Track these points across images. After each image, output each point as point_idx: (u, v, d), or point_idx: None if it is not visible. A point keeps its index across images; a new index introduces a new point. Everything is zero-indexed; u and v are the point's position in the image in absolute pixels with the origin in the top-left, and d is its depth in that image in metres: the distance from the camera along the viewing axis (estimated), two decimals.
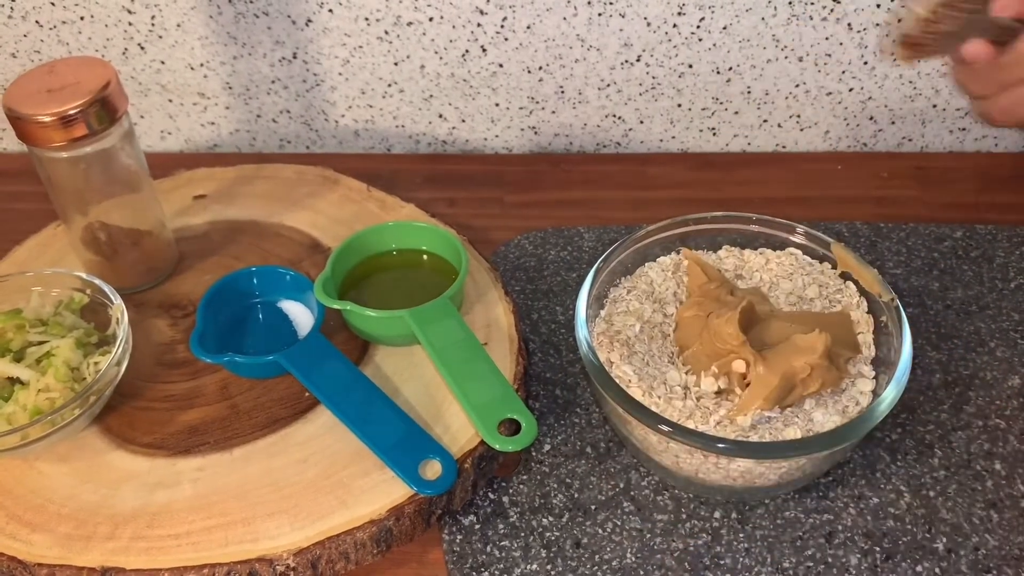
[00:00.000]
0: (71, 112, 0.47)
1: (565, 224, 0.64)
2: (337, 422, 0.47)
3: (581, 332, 0.44)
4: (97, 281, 0.50)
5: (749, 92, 0.68)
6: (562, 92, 0.69)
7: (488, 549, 0.45)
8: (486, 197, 0.68)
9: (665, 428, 0.40)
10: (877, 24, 0.64)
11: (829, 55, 0.66)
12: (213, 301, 0.52)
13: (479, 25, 0.65)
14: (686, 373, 0.44)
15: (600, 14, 0.64)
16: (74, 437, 0.47)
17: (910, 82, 0.67)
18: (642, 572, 0.43)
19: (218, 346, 0.50)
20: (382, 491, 0.44)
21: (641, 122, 0.70)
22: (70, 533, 0.43)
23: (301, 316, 0.53)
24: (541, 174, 0.71)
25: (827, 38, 0.65)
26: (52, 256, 0.58)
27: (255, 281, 0.54)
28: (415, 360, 0.50)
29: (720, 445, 0.40)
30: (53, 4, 0.65)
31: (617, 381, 0.43)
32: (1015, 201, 0.66)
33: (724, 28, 0.64)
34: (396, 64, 0.68)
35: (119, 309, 0.49)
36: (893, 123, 0.70)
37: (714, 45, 0.65)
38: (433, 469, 0.44)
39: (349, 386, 0.48)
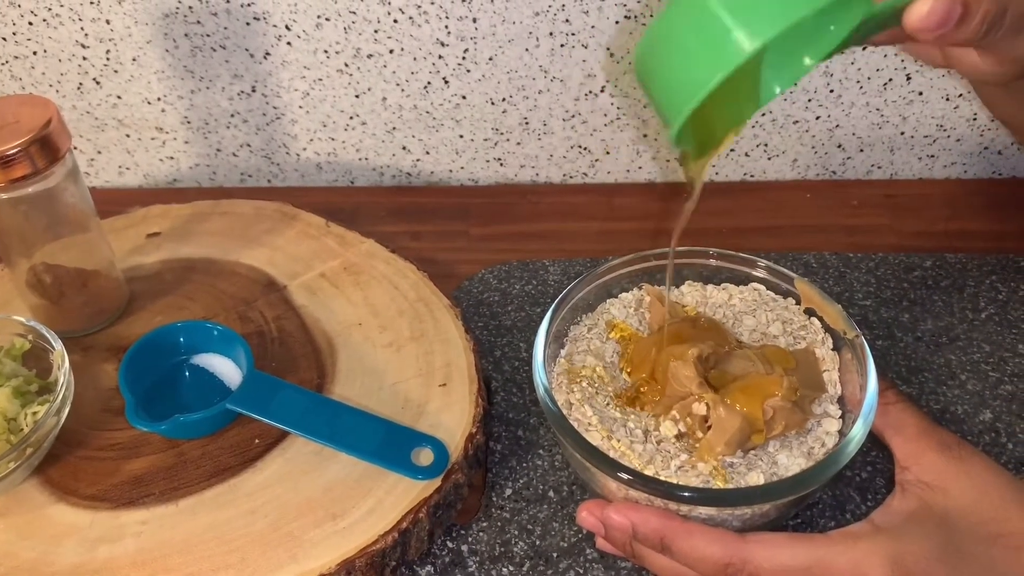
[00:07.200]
0: (10, 152, 0.45)
1: (532, 257, 0.63)
2: (289, 470, 0.46)
3: (538, 376, 0.43)
4: (38, 326, 0.48)
5: None
6: (527, 123, 0.68)
7: None
8: (451, 230, 0.67)
9: (625, 476, 0.39)
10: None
11: (794, 84, 0.65)
12: (133, 364, 0.49)
13: (440, 57, 0.64)
14: (647, 416, 0.43)
15: (563, 45, 0.63)
16: (12, 490, 0.45)
17: (877, 110, 0.67)
18: None
19: (152, 412, 0.47)
20: (333, 543, 0.42)
21: (607, 152, 0.70)
22: None
23: (229, 370, 0.51)
24: (508, 206, 0.69)
25: None
26: None
27: (180, 339, 0.51)
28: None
29: (684, 494, 0.38)
30: (4, 40, 0.64)
31: (576, 425, 0.42)
32: (985, 228, 0.65)
33: None
34: (357, 96, 0.66)
35: (60, 355, 0.47)
36: (862, 151, 0.70)
37: None
38: (426, 457, 0.45)
39: (311, 409, 0.47)
